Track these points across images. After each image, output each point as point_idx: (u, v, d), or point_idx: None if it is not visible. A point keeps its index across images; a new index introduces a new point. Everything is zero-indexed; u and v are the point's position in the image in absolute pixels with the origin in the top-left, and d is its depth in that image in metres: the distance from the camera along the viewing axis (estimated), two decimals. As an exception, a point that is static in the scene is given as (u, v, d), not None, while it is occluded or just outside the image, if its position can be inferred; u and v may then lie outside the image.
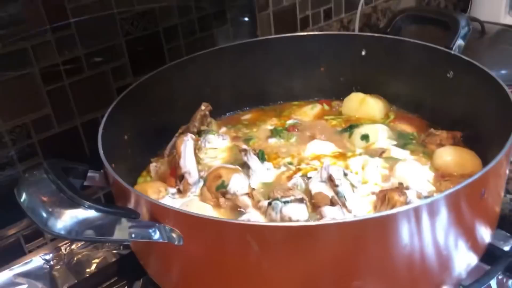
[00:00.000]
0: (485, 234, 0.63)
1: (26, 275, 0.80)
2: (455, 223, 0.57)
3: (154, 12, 0.93)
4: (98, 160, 0.68)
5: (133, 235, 0.51)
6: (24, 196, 0.51)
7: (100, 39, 0.88)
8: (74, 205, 0.48)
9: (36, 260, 0.82)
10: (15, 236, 0.88)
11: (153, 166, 0.82)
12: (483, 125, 0.73)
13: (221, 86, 0.95)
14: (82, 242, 0.84)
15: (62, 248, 0.84)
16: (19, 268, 0.80)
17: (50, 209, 0.47)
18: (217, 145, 0.87)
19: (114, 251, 0.84)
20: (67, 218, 0.47)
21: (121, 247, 0.85)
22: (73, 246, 0.85)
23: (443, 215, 0.55)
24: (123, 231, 0.50)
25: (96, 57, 0.88)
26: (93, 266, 0.82)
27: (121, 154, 0.75)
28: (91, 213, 0.48)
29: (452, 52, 0.78)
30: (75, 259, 0.83)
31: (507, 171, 0.63)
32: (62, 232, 0.47)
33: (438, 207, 0.55)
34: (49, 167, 0.52)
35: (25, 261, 0.81)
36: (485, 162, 0.70)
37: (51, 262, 0.82)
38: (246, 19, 1.11)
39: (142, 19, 0.92)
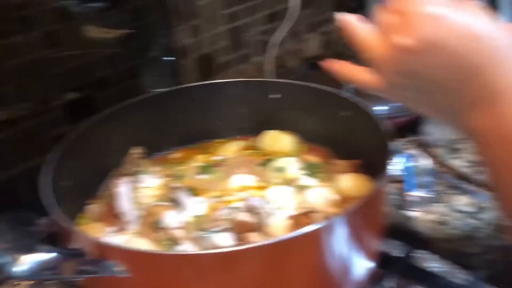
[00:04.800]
0: (377, 244, 0.78)
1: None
2: (352, 238, 0.71)
3: (86, 66, 1.02)
4: (37, 207, 0.75)
5: (83, 272, 0.59)
6: (-17, 246, 0.57)
7: (36, 93, 0.95)
8: (33, 249, 0.56)
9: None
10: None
11: (91, 208, 0.90)
12: (373, 154, 0.88)
13: (150, 130, 1.04)
14: (31, 283, 0.89)
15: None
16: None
17: (13, 255, 0.55)
18: (150, 184, 0.96)
19: (58, 290, 0.90)
20: (28, 262, 0.55)
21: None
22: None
23: (342, 232, 0.69)
24: (75, 269, 0.58)
25: (33, 110, 0.95)
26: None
27: (61, 199, 0.81)
28: (48, 256, 0.56)
29: (342, 95, 0.94)
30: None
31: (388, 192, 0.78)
32: (25, 274, 0.54)
33: (337, 226, 0.68)
34: (4, 217, 0.60)
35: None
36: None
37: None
38: (170, 66, 1.22)
39: (74, 73, 1.00)
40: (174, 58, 1.24)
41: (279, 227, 0.81)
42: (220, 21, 1.31)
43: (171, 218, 0.80)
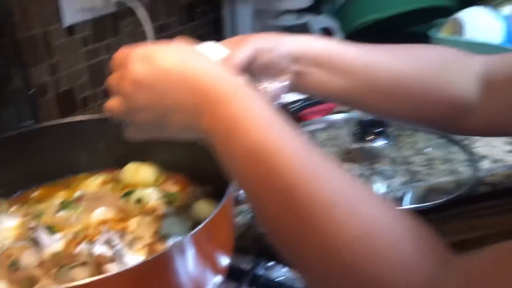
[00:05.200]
0: (226, 260, 0.88)
1: None
2: (200, 256, 0.80)
3: None
4: None
5: None
6: None
7: None
8: None
9: None
10: None
11: None
12: (223, 180, 0.99)
13: (7, 170, 1.05)
14: None
15: None
16: None
17: None
18: (7, 224, 0.97)
19: None
20: None
21: None
22: None
23: (190, 252, 0.78)
24: None
25: None
26: None
27: None
28: None
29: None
30: None
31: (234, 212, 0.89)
32: None
33: (185, 247, 0.77)
34: None
35: None
36: (226, 208, 0.95)
37: None
38: (29, 104, 1.22)
39: None
40: (32, 96, 1.25)
41: (135, 257, 0.87)
42: (79, 58, 1.34)
43: (29, 258, 0.83)
